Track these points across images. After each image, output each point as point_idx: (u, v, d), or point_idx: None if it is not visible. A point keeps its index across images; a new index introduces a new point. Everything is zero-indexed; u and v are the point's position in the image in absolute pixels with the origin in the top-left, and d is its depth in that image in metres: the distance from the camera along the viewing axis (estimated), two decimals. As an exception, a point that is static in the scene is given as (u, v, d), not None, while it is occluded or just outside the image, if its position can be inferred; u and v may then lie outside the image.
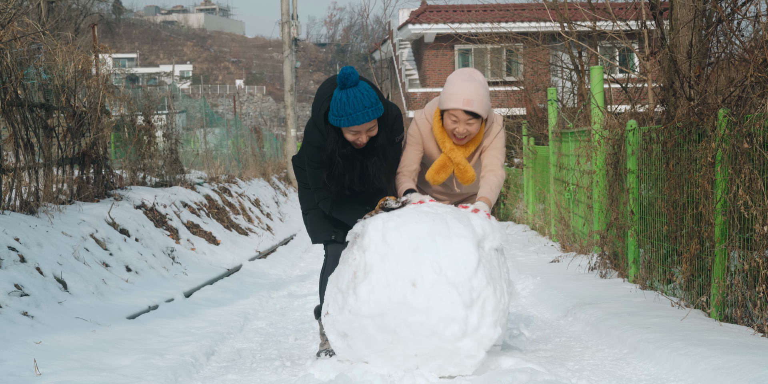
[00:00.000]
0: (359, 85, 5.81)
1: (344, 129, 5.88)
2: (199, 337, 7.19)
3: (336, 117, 5.81)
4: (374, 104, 5.83)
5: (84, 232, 9.43)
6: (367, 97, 5.80)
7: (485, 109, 6.15)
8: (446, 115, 6.21)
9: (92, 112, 11.36)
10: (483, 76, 6.28)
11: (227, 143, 23.97)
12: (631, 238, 9.29)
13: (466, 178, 6.34)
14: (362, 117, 5.78)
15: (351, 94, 5.76)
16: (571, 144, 12.71)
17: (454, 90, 6.16)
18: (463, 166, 6.32)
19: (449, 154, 6.29)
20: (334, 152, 5.99)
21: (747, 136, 6.59)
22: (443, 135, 6.28)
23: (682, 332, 6.52)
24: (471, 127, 6.16)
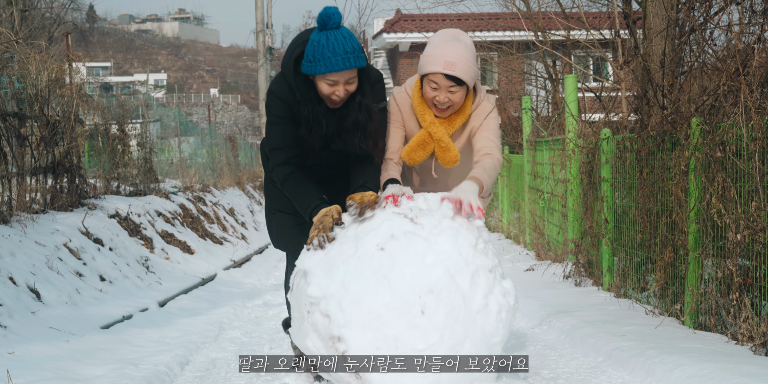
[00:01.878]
0: (342, 29, 5.02)
1: (319, 79, 5.04)
2: (174, 346, 7.16)
3: (311, 63, 4.98)
4: (358, 50, 5.01)
5: (57, 241, 9.38)
6: (350, 41, 4.98)
7: (470, 75, 5.30)
8: (425, 82, 5.36)
9: (66, 121, 11.31)
10: (469, 38, 5.44)
11: (202, 152, 23.92)
12: (605, 246, 9.32)
13: (448, 157, 5.46)
14: (343, 63, 4.95)
15: (332, 36, 4.96)
16: (546, 152, 12.75)
17: (434, 51, 5.32)
18: (445, 144, 5.43)
19: (429, 129, 5.43)
20: (313, 110, 5.16)
21: (720, 145, 6.62)
22: (423, 106, 5.45)
23: (657, 340, 6.54)
24: (454, 96, 5.31)
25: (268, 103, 5.27)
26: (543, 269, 11.20)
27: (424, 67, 5.34)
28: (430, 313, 4.44)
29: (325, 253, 4.83)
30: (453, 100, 5.32)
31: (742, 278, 6.37)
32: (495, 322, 4.55)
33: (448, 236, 4.72)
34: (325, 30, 4.98)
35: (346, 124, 5.20)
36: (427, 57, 5.33)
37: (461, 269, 4.60)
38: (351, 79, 5.06)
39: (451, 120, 5.46)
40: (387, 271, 4.55)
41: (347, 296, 4.55)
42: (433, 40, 5.41)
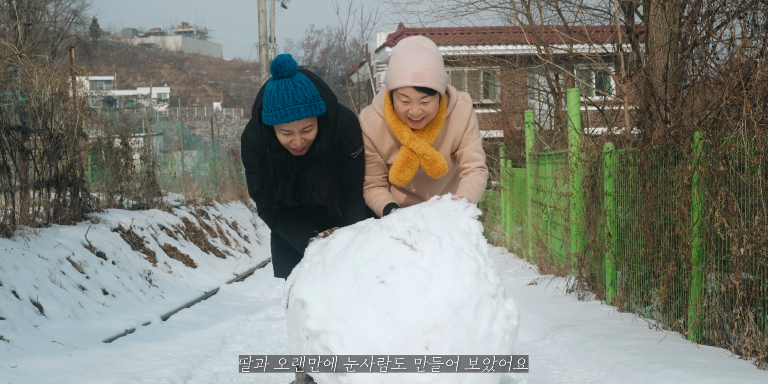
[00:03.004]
0: (295, 77, 4.82)
1: (276, 129, 4.90)
2: (176, 360, 7.15)
3: (266, 114, 4.84)
4: (310, 100, 4.80)
5: (60, 255, 9.38)
6: (302, 91, 4.78)
7: (441, 83, 5.06)
8: (396, 97, 5.08)
9: (69, 135, 11.33)
10: (434, 44, 5.19)
11: (205, 166, 23.94)
12: (608, 260, 9.31)
13: (436, 168, 5.23)
14: (291, 114, 4.77)
15: (283, 85, 4.77)
16: (549, 166, 12.75)
17: (399, 64, 5.05)
18: (430, 156, 5.19)
19: (410, 146, 5.17)
20: (266, 157, 5.03)
21: (723, 159, 6.62)
22: (398, 123, 5.17)
23: (660, 354, 6.53)
24: (427, 107, 5.05)
25: (242, 152, 5.21)
26: (546, 283, 11.18)
27: (392, 82, 5.07)
28: (435, 348, 4.30)
29: (323, 283, 4.59)
30: (427, 110, 5.06)
31: (745, 292, 6.36)
32: (499, 347, 4.46)
33: (449, 266, 4.47)
34: (278, 79, 4.81)
35: (305, 175, 5.11)
36: (393, 71, 5.08)
37: (465, 302, 4.40)
38: (307, 128, 4.88)
39: (429, 130, 5.21)
40: (389, 306, 4.33)
41: (349, 334, 4.35)
42: (396, 52, 5.15)
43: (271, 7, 32.99)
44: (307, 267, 4.79)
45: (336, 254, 4.71)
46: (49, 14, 32.35)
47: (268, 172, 5.04)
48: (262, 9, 31.82)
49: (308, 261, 4.85)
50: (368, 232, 4.72)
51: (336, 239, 4.82)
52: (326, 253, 4.76)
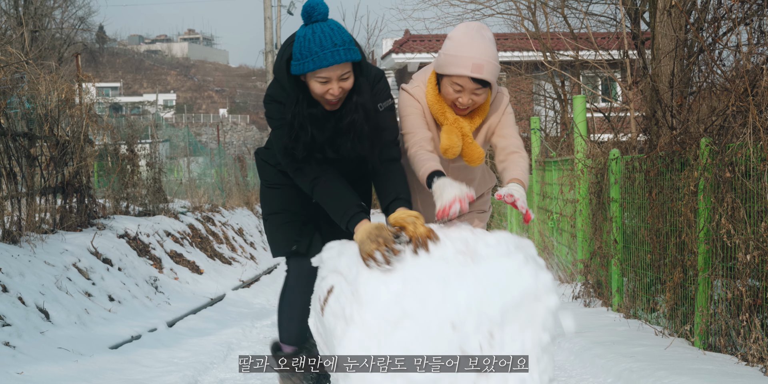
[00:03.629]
0: (329, 21, 4.44)
1: (310, 78, 4.47)
2: (183, 367, 7.15)
3: (299, 61, 4.42)
4: (348, 43, 4.43)
5: (67, 261, 9.39)
6: (339, 33, 4.41)
7: (496, 75, 4.87)
8: (447, 82, 4.84)
9: (75, 142, 11.35)
10: (491, 33, 4.93)
11: (211, 172, 23.96)
12: (614, 266, 9.30)
13: (475, 154, 4.98)
14: (332, 56, 4.37)
15: (318, 29, 4.39)
16: (555, 173, 12.75)
17: (459, 51, 4.79)
18: (470, 140, 4.96)
19: (455, 124, 4.93)
20: (299, 114, 4.60)
21: (729, 165, 6.62)
22: (441, 105, 4.94)
23: (667, 361, 6.52)
24: (478, 98, 4.86)
25: (268, 109, 4.80)
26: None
27: (448, 68, 4.81)
28: None
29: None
30: (477, 101, 4.85)
31: (751, 299, 6.35)
32: None
33: (517, 336, 4.03)
34: (311, 23, 4.42)
35: (342, 126, 4.65)
36: (451, 57, 4.80)
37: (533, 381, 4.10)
38: (345, 75, 4.47)
39: (472, 118, 4.99)
40: None
41: None
42: (455, 36, 4.86)
43: (277, 13, 33.08)
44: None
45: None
46: (56, 21, 32.43)
47: (303, 128, 4.60)
48: (268, 16, 31.89)
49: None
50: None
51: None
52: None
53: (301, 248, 5.07)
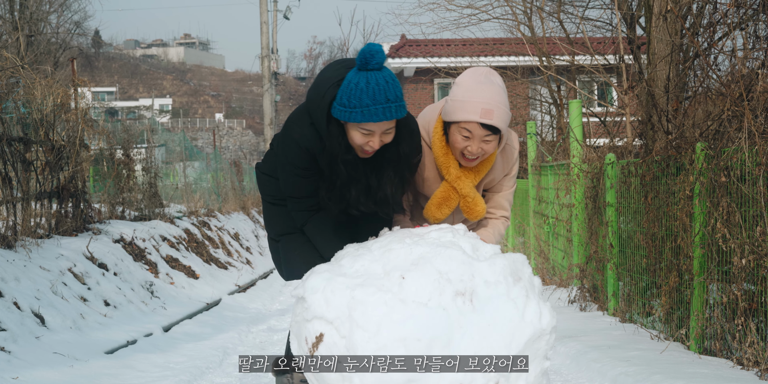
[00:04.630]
0: (384, 70, 4.20)
1: (352, 127, 4.26)
2: (178, 372, 7.15)
3: (346, 109, 4.17)
4: (399, 99, 4.22)
5: (62, 266, 9.38)
6: (393, 88, 4.18)
7: (506, 122, 4.62)
8: (455, 129, 4.59)
9: (71, 146, 11.34)
10: (501, 79, 4.73)
11: (207, 177, 23.95)
12: (610, 271, 9.30)
13: (475, 212, 4.80)
14: (383, 112, 4.16)
15: (373, 79, 4.15)
16: (551, 177, 12.75)
17: (468, 96, 4.56)
18: (472, 199, 4.75)
19: (455, 184, 4.71)
20: (337, 157, 4.33)
21: (724, 170, 6.63)
22: (447, 157, 4.70)
23: (662, 365, 6.52)
24: (487, 146, 4.59)
25: (290, 152, 4.47)
26: (548, 294, 11.18)
27: (456, 114, 4.56)
28: None
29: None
30: (486, 150, 4.59)
31: (747, 303, 6.35)
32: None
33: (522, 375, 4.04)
34: (366, 71, 4.16)
35: (377, 180, 4.48)
36: (459, 102, 4.56)
37: None
38: (389, 130, 4.28)
39: (478, 170, 4.76)
40: None
41: None
42: (463, 81, 4.64)
43: (273, 18, 33.09)
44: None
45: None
46: (52, 26, 32.39)
47: (340, 173, 4.37)
48: (265, 20, 31.91)
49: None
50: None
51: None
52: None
53: None
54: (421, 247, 4.09)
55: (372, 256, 4.13)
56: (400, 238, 4.21)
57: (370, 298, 3.85)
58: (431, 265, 3.95)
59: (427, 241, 4.18)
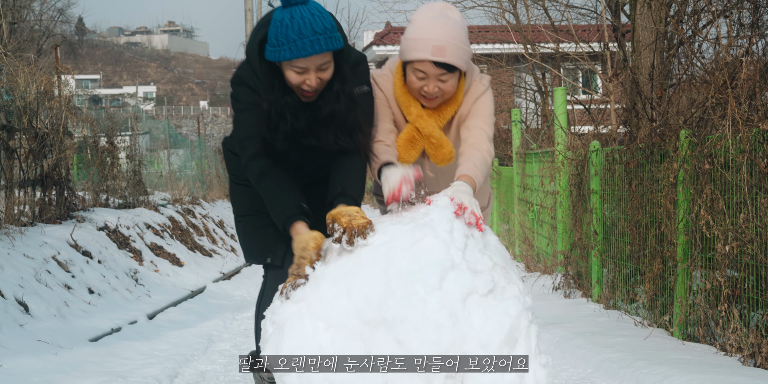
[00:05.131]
0: (309, 4, 4.03)
1: (285, 66, 4.06)
2: (163, 359, 7.14)
3: (274, 48, 4.00)
4: (330, 31, 4.02)
5: (46, 254, 9.36)
6: (320, 19, 4.00)
7: (463, 59, 4.37)
8: (410, 70, 4.39)
9: (54, 134, 11.30)
10: (459, 14, 4.46)
11: (191, 164, 23.92)
12: (594, 258, 9.33)
13: (441, 155, 4.51)
14: (311, 46, 3.97)
15: (297, 13, 3.97)
16: (535, 165, 12.77)
17: (419, 34, 4.35)
18: (437, 139, 4.47)
19: (416, 123, 4.47)
20: (274, 103, 4.13)
21: (708, 157, 6.65)
22: (407, 97, 4.48)
23: (646, 351, 6.55)
24: (445, 85, 4.36)
25: (235, 91, 4.31)
26: (532, 281, 11.20)
27: (408, 53, 4.38)
28: None
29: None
30: (444, 89, 4.36)
31: (730, 289, 6.38)
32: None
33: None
34: (290, 6, 4.00)
35: (320, 117, 4.22)
36: (411, 40, 4.37)
37: None
38: (324, 65, 4.06)
39: (441, 110, 4.50)
40: None
41: None
42: (415, 18, 4.42)
43: (258, 5, 32.99)
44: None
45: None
46: (35, 13, 32.25)
47: (281, 115, 4.15)
48: (249, 7, 31.80)
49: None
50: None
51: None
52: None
53: (276, 261, 4.61)
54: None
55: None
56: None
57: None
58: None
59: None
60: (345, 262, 3.87)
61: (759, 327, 6.08)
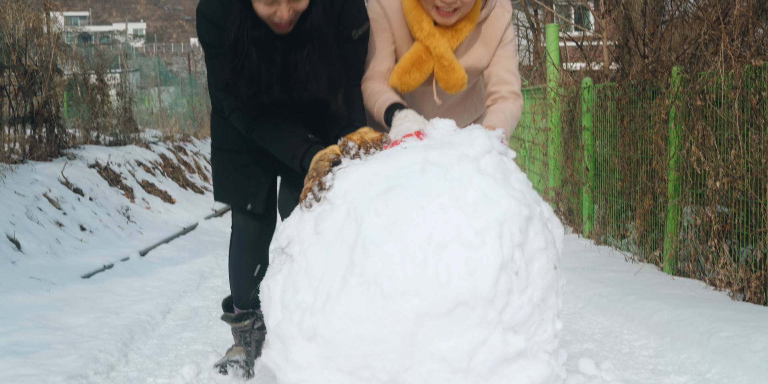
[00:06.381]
0: None
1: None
2: (155, 295, 7.16)
3: None
4: None
5: (37, 191, 9.34)
6: None
7: None
8: None
9: (44, 71, 11.22)
10: None
11: (182, 102, 23.81)
12: (585, 194, 9.34)
13: (453, 80, 4.00)
14: None
15: None
16: (527, 101, 12.74)
17: None
18: (448, 62, 3.96)
19: (427, 42, 3.94)
20: (241, 35, 3.64)
21: (700, 93, 6.63)
22: (418, 11, 3.93)
23: (636, 286, 6.59)
24: None
25: (202, 31, 3.84)
26: (523, 218, 11.23)
27: None
28: None
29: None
30: (464, 0, 3.84)
31: (720, 225, 6.40)
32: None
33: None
34: None
35: (294, 60, 3.74)
36: None
37: None
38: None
39: (456, 29, 3.98)
40: None
41: None
42: None
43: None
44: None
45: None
46: (22, -52, 31.92)
47: (246, 54, 3.67)
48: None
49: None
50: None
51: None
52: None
53: (257, 208, 4.23)
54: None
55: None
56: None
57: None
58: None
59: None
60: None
61: (748, 262, 6.12)
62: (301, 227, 3.51)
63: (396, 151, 3.49)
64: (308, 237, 3.44)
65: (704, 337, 4.92)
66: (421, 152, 3.42)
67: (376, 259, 3.22)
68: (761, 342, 4.54)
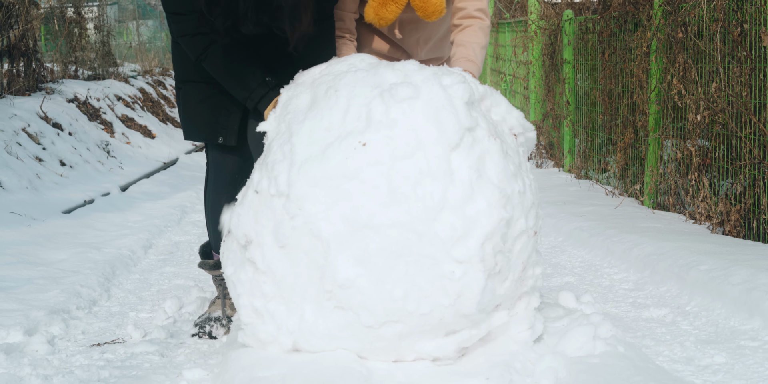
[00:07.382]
0: None
1: None
2: (137, 230, 7.17)
3: None
4: None
5: (16, 126, 9.28)
6: None
7: None
8: None
9: (20, 4, 11.07)
10: None
11: (161, 35, 23.56)
12: (566, 128, 9.35)
13: (431, 7, 3.86)
14: None
15: None
16: (508, 34, 12.67)
17: None
18: None
19: None
20: None
21: (682, 26, 6.60)
22: None
23: (616, 220, 6.62)
24: None
25: None
26: (504, 151, 11.24)
27: None
28: None
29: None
30: None
31: (701, 159, 6.42)
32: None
33: None
34: None
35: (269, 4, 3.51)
36: None
37: None
38: None
39: None
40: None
41: None
42: None
43: None
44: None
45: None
46: None
47: None
48: None
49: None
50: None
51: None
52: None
53: (229, 140, 3.98)
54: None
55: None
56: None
57: None
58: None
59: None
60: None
61: (728, 195, 6.15)
62: (259, 227, 3.35)
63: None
64: (270, 248, 3.31)
65: (684, 270, 4.95)
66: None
67: (353, 292, 3.17)
68: (740, 275, 4.58)
